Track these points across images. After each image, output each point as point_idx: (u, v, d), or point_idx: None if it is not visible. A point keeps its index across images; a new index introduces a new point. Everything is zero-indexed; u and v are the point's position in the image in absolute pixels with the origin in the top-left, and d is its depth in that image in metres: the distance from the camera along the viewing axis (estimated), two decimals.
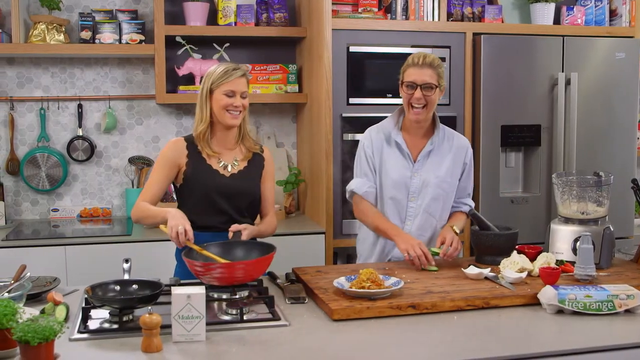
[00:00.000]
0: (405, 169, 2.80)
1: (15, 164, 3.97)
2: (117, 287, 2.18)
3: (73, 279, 3.36)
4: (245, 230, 2.53)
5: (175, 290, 1.92)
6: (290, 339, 1.95)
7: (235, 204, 2.67)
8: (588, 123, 3.95)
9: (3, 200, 3.85)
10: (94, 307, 2.11)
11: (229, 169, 2.70)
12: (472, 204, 2.93)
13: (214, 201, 2.64)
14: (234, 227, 2.53)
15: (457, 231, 2.75)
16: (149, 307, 1.92)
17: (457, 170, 2.85)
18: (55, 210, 4.04)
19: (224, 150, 2.72)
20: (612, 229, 2.66)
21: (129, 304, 2.05)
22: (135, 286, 2.19)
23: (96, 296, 2.08)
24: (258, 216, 2.84)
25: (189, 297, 1.89)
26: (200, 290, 1.92)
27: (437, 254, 2.65)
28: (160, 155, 2.71)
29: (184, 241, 2.40)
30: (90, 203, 4.10)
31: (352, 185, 2.87)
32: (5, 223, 3.82)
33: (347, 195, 2.91)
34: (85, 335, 1.94)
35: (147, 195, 2.66)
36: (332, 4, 3.68)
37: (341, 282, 2.30)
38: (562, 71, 3.87)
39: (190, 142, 2.70)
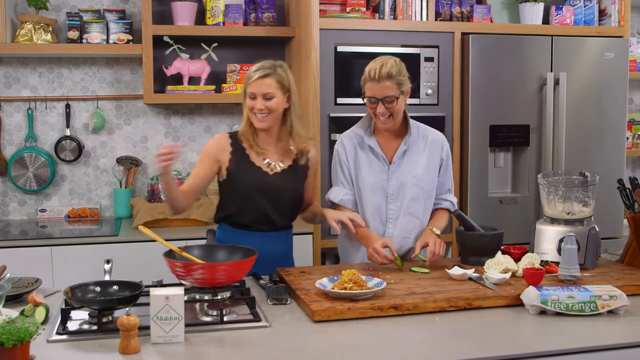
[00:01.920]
0: (381, 172, 2.77)
1: (3, 164, 3.95)
2: (97, 288, 2.16)
3: (59, 279, 3.33)
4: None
5: (154, 291, 1.91)
6: (270, 340, 1.94)
7: (276, 203, 2.69)
8: (577, 123, 3.95)
9: None
10: (74, 309, 2.09)
11: (273, 167, 2.71)
12: (454, 200, 2.90)
13: (254, 199, 2.66)
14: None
15: (438, 233, 2.73)
16: (127, 309, 1.91)
17: (435, 166, 2.82)
18: (43, 210, 4.02)
19: (270, 148, 2.73)
20: (597, 229, 2.66)
21: (109, 305, 2.03)
22: (115, 287, 2.17)
23: (75, 297, 2.07)
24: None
25: (168, 298, 1.88)
26: (179, 291, 1.91)
27: (425, 260, 2.62)
28: (203, 150, 2.75)
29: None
30: (78, 203, 4.09)
31: (329, 194, 2.86)
32: None
33: (329, 205, 2.89)
34: (63, 337, 1.93)
35: (184, 185, 2.70)
36: (320, 3, 3.67)
37: (323, 282, 2.28)
38: (551, 71, 3.86)
39: (235, 138, 2.72)
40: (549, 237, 2.67)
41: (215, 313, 2.09)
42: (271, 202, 2.69)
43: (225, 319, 2.05)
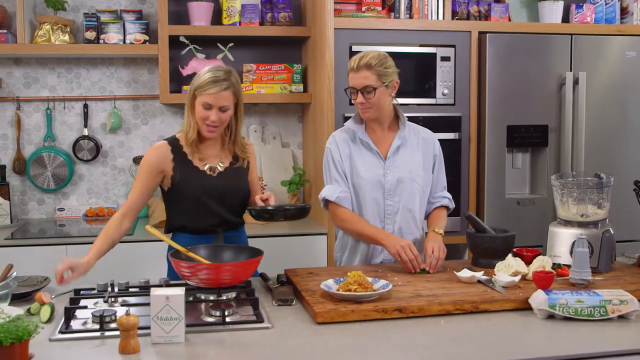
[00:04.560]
0: (377, 167, 2.74)
1: (22, 163, 4.00)
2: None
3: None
4: (270, 198, 2.57)
5: (154, 291, 1.90)
6: (271, 341, 1.93)
7: (226, 204, 2.62)
8: (598, 123, 3.88)
9: (9, 200, 3.87)
10: (79, 308, 2.11)
11: (214, 169, 2.62)
12: (449, 196, 2.87)
13: (205, 203, 2.59)
14: (260, 199, 2.57)
15: (441, 232, 2.70)
16: (127, 308, 1.91)
17: (429, 163, 2.80)
18: (61, 209, 4.06)
19: (211, 154, 2.64)
20: (612, 232, 2.60)
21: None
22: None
23: None
24: None
25: (168, 298, 1.88)
26: (180, 291, 1.91)
27: (427, 272, 2.56)
28: (144, 162, 2.62)
29: None
30: (95, 202, 4.12)
31: (323, 193, 2.78)
32: (11, 222, 3.84)
33: (321, 205, 2.82)
34: (65, 336, 1.94)
35: (131, 208, 2.59)
36: (335, 3, 3.65)
37: (329, 284, 2.26)
38: (570, 70, 3.80)
39: (174, 145, 2.61)
40: (562, 239, 2.62)
41: (217, 314, 2.08)
42: (222, 203, 2.61)
43: (227, 319, 2.04)
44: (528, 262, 2.53)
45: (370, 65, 2.61)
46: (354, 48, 3.63)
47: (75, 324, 2.03)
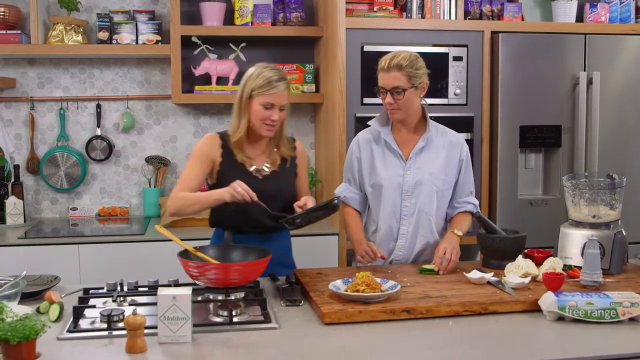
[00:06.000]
0: (397, 168, 2.73)
1: (35, 163, 4.03)
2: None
3: (85, 278, 3.39)
4: (308, 202, 2.53)
5: (161, 291, 1.91)
6: (277, 342, 1.93)
7: (269, 206, 2.56)
8: (612, 124, 3.84)
9: (22, 199, 3.90)
10: (87, 307, 2.12)
11: (261, 171, 2.64)
12: (476, 202, 2.84)
13: (246, 205, 2.54)
14: (297, 206, 2.54)
15: (460, 234, 2.68)
16: (135, 308, 1.91)
17: (452, 167, 2.77)
18: (74, 209, 4.09)
19: (257, 154, 2.66)
20: (624, 233, 2.57)
21: None
22: None
23: None
24: None
25: (174, 298, 1.88)
26: (186, 291, 1.91)
27: (435, 272, 2.55)
28: (196, 149, 2.64)
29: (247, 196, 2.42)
30: (108, 202, 4.14)
31: (337, 189, 2.86)
32: (25, 221, 3.87)
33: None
34: (73, 335, 1.95)
35: (184, 187, 2.57)
36: (347, 2, 3.65)
37: (337, 284, 2.26)
38: (584, 70, 3.76)
39: (225, 139, 2.64)
40: (573, 241, 2.59)
41: (225, 314, 2.08)
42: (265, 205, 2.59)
43: (234, 319, 2.04)
44: (539, 264, 2.52)
45: (401, 66, 2.60)
46: (366, 48, 3.62)
47: (83, 323, 2.04)
